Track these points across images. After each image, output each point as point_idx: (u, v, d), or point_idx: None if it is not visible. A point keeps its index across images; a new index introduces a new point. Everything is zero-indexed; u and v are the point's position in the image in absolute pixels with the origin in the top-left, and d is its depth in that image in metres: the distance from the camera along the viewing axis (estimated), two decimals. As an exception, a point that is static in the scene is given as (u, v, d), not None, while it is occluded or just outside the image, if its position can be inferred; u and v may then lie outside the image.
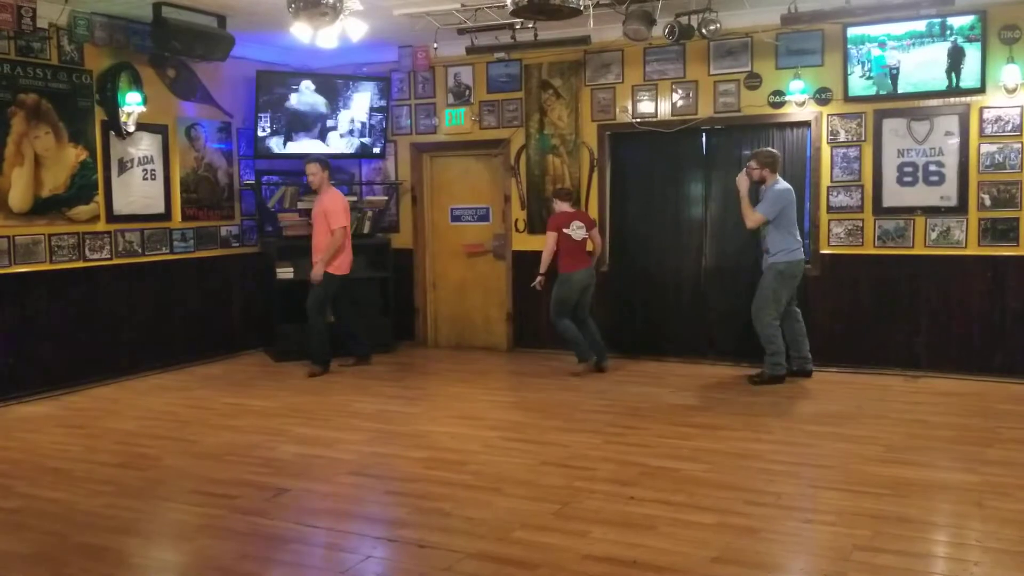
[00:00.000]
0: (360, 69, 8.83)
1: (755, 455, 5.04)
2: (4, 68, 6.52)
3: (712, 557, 3.64)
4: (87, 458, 5.25)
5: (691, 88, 7.70)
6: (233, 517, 4.24)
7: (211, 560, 3.79)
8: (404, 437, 5.63)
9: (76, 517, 4.27)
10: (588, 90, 8.09)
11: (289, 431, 5.78)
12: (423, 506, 4.34)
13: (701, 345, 7.85)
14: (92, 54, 7.14)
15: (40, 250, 6.80)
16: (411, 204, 9.04)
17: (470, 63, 8.43)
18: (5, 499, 4.55)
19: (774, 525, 4.00)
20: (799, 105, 7.30)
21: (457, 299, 9.04)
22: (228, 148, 8.47)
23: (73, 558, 3.79)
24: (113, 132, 7.32)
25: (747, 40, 7.44)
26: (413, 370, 8.11)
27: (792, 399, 6.44)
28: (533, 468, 4.91)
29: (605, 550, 3.73)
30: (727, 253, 7.75)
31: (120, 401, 6.68)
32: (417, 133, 8.91)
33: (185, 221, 8.00)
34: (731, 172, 7.66)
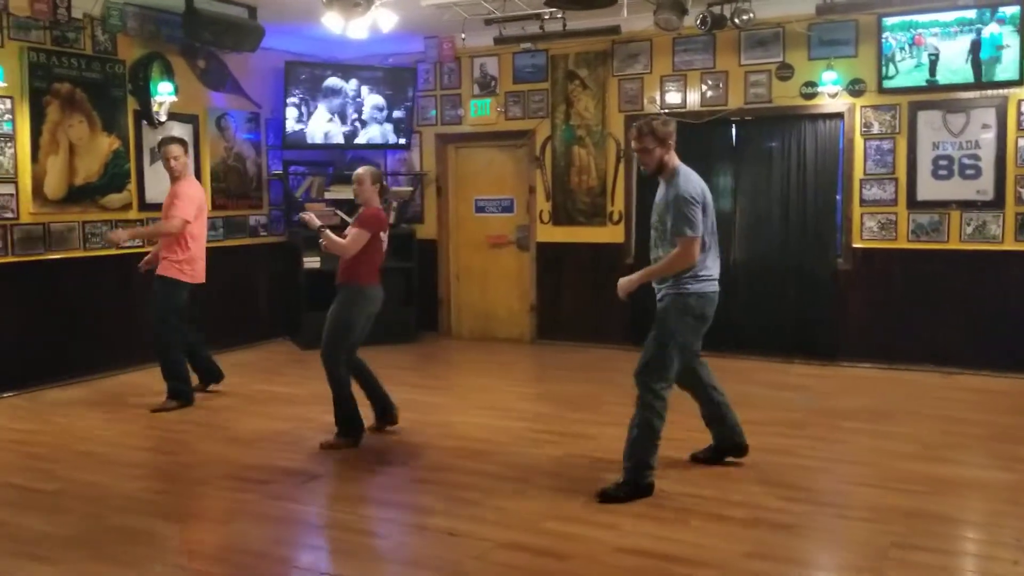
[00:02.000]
0: (386, 60, 8.83)
1: (787, 450, 5.00)
2: (40, 58, 6.57)
3: (745, 552, 3.62)
4: (121, 442, 5.31)
5: (721, 79, 7.64)
6: (266, 502, 4.27)
7: (245, 544, 3.82)
8: (431, 427, 5.64)
9: (112, 500, 4.32)
10: (615, 80, 8.05)
11: (317, 419, 5.81)
12: (452, 495, 4.34)
13: (726, 339, 7.75)
14: (125, 44, 7.19)
15: (74, 237, 6.87)
16: (436, 195, 9.05)
17: (496, 54, 8.41)
18: (44, 481, 4.62)
19: (808, 521, 3.97)
20: (832, 96, 7.22)
21: (481, 290, 9.03)
22: (256, 138, 8.51)
23: (110, 540, 3.83)
24: (145, 121, 7.37)
25: (779, 30, 7.37)
26: (437, 361, 8.12)
27: (824, 395, 6.39)
28: (561, 460, 4.91)
29: (636, 543, 3.73)
30: (756, 246, 7.69)
31: (151, 386, 6.73)
32: (442, 124, 8.90)
33: (214, 210, 8.03)
34: (761, 164, 7.63)
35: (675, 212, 4.22)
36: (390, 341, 8.35)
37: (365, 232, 5.15)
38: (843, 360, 7.31)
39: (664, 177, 4.37)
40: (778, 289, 7.57)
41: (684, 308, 4.30)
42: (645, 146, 4.31)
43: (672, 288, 4.31)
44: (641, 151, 4.35)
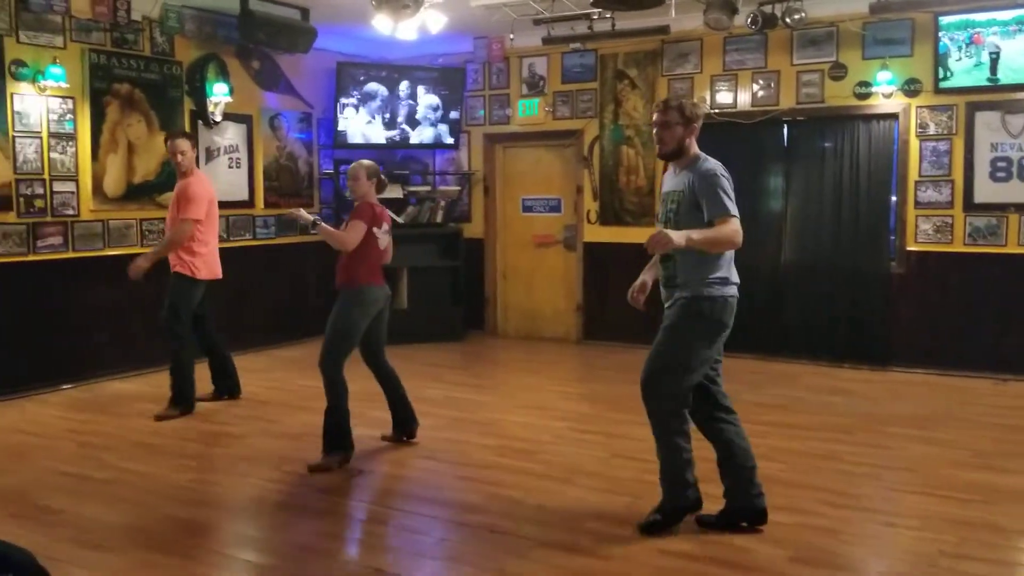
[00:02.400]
0: (435, 60, 8.91)
1: (834, 456, 4.94)
2: (100, 59, 6.76)
3: (789, 556, 3.59)
4: (174, 434, 5.45)
5: (772, 78, 7.56)
6: (312, 496, 4.35)
7: (291, 536, 3.89)
8: (475, 424, 5.69)
9: (164, 490, 4.44)
10: (665, 80, 8.01)
11: (364, 414, 5.87)
12: (495, 493, 4.38)
13: (776, 342, 7.71)
14: (182, 46, 7.36)
15: (132, 234, 7.06)
16: (483, 194, 9.10)
17: (545, 53, 8.43)
18: (99, 470, 4.76)
19: (854, 527, 3.92)
20: (886, 97, 7.10)
21: (527, 290, 9.06)
22: (308, 138, 8.65)
23: (162, 528, 3.94)
24: (201, 121, 7.54)
25: (832, 29, 7.26)
26: (483, 359, 8.17)
27: (873, 400, 6.29)
28: (604, 460, 4.91)
29: (678, 545, 3.71)
30: (806, 248, 7.60)
31: (204, 381, 6.88)
32: (490, 124, 8.95)
33: (267, 208, 8.20)
34: (813, 165, 7.54)
35: (709, 192, 3.66)
36: (436, 339, 8.46)
37: (360, 222, 4.88)
38: (894, 365, 7.18)
39: (681, 163, 3.85)
40: (829, 292, 7.46)
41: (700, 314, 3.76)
42: (668, 119, 3.79)
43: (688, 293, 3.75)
44: (662, 125, 3.80)
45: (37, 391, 6.42)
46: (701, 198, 3.70)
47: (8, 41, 6.21)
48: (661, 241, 3.46)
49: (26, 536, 3.62)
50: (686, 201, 3.75)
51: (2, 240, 6.27)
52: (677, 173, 3.89)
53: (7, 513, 4.08)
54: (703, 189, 3.70)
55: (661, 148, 3.87)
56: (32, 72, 6.35)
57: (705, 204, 3.69)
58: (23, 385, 6.39)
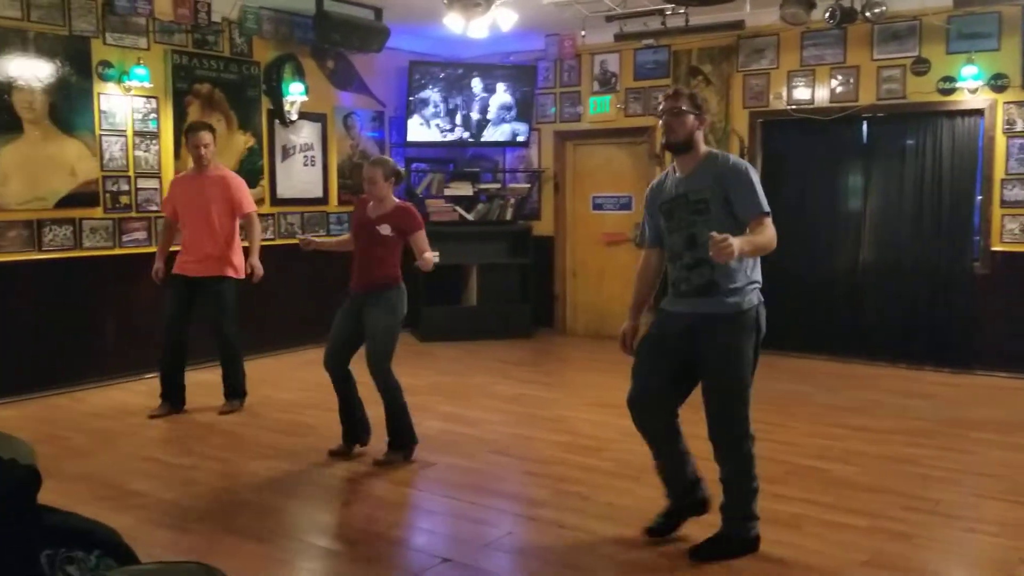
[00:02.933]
0: (507, 58, 8.95)
1: (912, 459, 4.82)
2: (183, 60, 6.98)
3: (863, 560, 3.52)
4: (251, 423, 5.60)
5: (852, 74, 7.39)
6: (384, 486, 4.43)
7: (364, 524, 3.97)
8: (543, 421, 5.71)
9: (242, 477, 4.58)
10: (740, 76, 7.90)
11: (434, 408, 5.96)
12: (562, 489, 4.39)
13: (854, 344, 7.53)
14: (260, 46, 7.55)
15: (210, 230, 7.26)
16: (553, 192, 9.10)
17: (617, 50, 8.40)
18: (181, 457, 4.94)
19: (931, 532, 3.82)
20: (971, 92, 6.88)
21: (596, 288, 9.04)
22: (380, 136, 8.78)
23: (239, 513, 4.06)
24: (277, 120, 7.73)
25: (915, 23, 7.07)
26: (551, 356, 8.18)
27: (954, 404, 6.11)
28: (674, 459, 4.87)
29: (749, 544, 3.67)
30: (887, 248, 7.41)
31: (278, 373, 7.07)
32: (561, 121, 8.95)
33: (340, 205, 8.35)
34: (894, 163, 7.36)
35: (745, 187, 3.39)
36: (505, 336, 8.50)
37: (422, 229, 4.79)
38: (977, 368, 6.96)
39: (691, 161, 3.50)
40: (910, 293, 7.27)
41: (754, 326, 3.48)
42: (679, 106, 3.46)
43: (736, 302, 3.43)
44: (671, 112, 3.46)
45: (124, 378, 6.67)
46: (733, 193, 3.39)
47: (95, 43, 6.46)
48: (727, 250, 3.04)
49: (111, 517, 3.74)
50: (717, 200, 3.41)
51: (90, 235, 6.52)
52: (685, 173, 3.52)
53: (94, 495, 4.25)
54: (737, 183, 3.40)
55: (671, 136, 3.48)
56: (117, 73, 6.60)
57: (740, 201, 3.39)
58: (110, 372, 6.64)
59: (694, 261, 3.45)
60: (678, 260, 3.53)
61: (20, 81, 6.04)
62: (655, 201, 3.63)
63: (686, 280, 3.50)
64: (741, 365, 3.45)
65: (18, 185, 6.07)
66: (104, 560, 1.53)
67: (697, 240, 3.41)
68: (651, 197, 3.67)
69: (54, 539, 1.46)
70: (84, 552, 1.50)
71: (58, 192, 6.29)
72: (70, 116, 6.33)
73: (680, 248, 3.51)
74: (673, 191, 3.53)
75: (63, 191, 6.31)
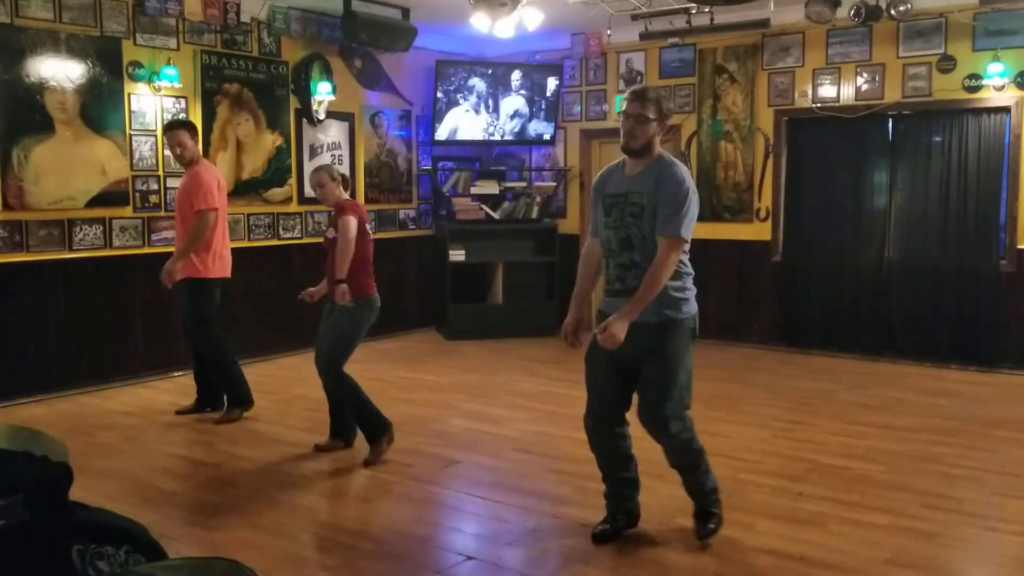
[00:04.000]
0: (533, 57, 8.97)
1: (935, 458, 4.79)
2: (212, 60, 7.08)
3: (885, 559, 3.52)
4: (279, 421, 5.67)
5: (877, 71, 7.34)
6: (409, 484, 4.48)
7: (389, 522, 4.03)
8: (568, 419, 5.70)
9: (268, 474, 4.64)
10: (765, 74, 7.87)
11: (459, 406, 6.01)
12: (587, 487, 4.40)
13: (879, 342, 7.49)
14: (288, 46, 7.63)
15: (240, 228, 7.36)
16: (579, 190, 9.11)
17: (642, 49, 8.39)
18: (209, 455, 5.02)
19: (954, 531, 3.81)
20: (997, 89, 6.81)
21: (623, 286, 9.03)
22: (408, 135, 8.84)
23: (265, 510, 4.12)
24: (305, 119, 7.80)
25: (941, 20, 7.01)
26: (577, 354, 8.09)
27: (980, 403, 6.06)
28: (697, 457, 4.87)
29: (771, 544, 3.68)
30: (913, 246, 7.37)
31: (306, 370, 7.09)
32: (587, 119, 8.96)
33: (367, 204, 8.41)
34: (919, 160, 7.30)
35: (674, 203, 3.35)
36: (531, 334, 8.53)
37: (350, 217, 4.62)
38: (1003, 367, 6.90)
39: (642, 162, 3.50)
40: (935, 291, 7.22)
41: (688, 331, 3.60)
42: (645, 113, 3.41)
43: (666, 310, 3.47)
44: (638, 118, 3.41)
45: (152, 377, 6.78)
46: (661, 202, 3.37)
47: (126, 44, 6.57)
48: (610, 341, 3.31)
49: (140, 514, 3.83)
50: (650, 206, 3.39)
51: (120, 234, 6.63)
52: (631, 173, 3.52)
53: (124, 492, 4.33)
54: (668, 195, 3.37)
55: (630, 143, 3.46)
56: (148, 73, 6.70)
57: (662, 212, 3.35)
58: (139, 371, 6.75)
59: (629, 262, 3.47)
60: (614, 257, 3.53)
61: (52, 82, 6.16)
62: (599, 192, 3.63)
63: (620, 280, 3.52)
64: (678, 371, 3.52)
65: (49, 184, 6.18)
66: (133, 556, 1.58)
67: (632, 242, 3.44)
68: (596, 187, 3.67)
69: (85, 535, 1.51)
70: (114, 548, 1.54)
71: (89, 191, 6.40)
72: (101, 116, 6.44)
73: (616, 246, 3.50)
74: (617, 188, 3.54)
75: (94, 190, 6.42)
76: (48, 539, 1.43)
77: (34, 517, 1.41)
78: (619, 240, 3.49)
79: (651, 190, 3.42)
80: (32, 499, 1.42)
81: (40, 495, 1.43)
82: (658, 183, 3.41)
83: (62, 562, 1.44)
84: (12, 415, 5.74)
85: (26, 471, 1.46)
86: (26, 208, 6.08)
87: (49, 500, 1.45)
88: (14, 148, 5.99)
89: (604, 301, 3.63)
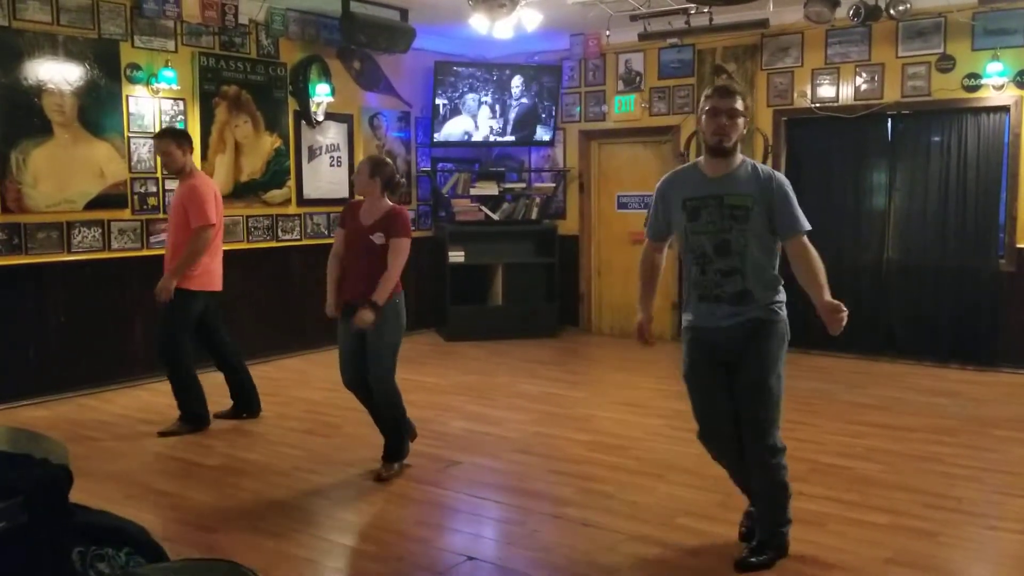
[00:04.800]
0: (532, 58, 8.98)
1: (935, 457, 4.80)
2: (210, 62, 7.07)
3: (885, 558, 3.52)
4: (279, 423, 5.67)
5: (876, 71, 7.34)
6: (409, 485, 4.48)
7: (389, 523, 4.03)
8: (568, 420, 5.73)
9: (268, 476, 4.64)
10: (764, 74, 7.87)
11: (459, 408, 6.01)
12: (587, 487, 4.41)
13: (879, 342, 7.49)
14: (286, 48, 7.63)
15: (239, 230, 7.37)
16: (578, 191, 9.12)
17: (641, 49, 8.39)
18: (207, 458, 5.00)
19: (954, 530, 3.81)
20: (997, 89, 6.82)
21: (622, 286, 9.04)
22: (407, 136, 8.84)
23: (266, 513, 4.12)
24: (304, 121, 7.81)
25: (940, 20, 7.01)
26: (577, 355, 8.20)
27: (979, 402, 6.06)
28: (697, 457, 4.83)
29: (771, 543, 3.67)
30: (911, 245, 7.38)
31: (306, 372, 7.14)
32: (586, 120, 8.96)
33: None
34: (919, 160, 7.31)
35: (789, 203, 3.32)
36: (531, 335, 8.54)
37: (407, 240, 4.46)
38: (1003, 366, 6.90)
39: (726, 165, 3.37)
40: (934, 290, 7.22)
41: (784, 335, 3.46)
42: (736, 107, 3.29)
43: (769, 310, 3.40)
44: (730, 113, 3.28)
45: (151, 379, 6.77)
46: (778, 208, 3.30)
47: (124, 46, 6.56)
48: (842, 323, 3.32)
49: (139, 516, 3.82)
50: (759, 210, 3.30)
51: (118, 236, 6.63)
52: (716, 173, 3.37)
53: (123, 495, 4.33)
54: (783, 199, 3.31)
55: (724, 140, 3.29)
56: (146, 75, 6.70)
57: (783, 217, 3.30)
58: (138, 373, 6.74)
59: (728, 268, 3.34)
60: (706, 264, 3.37)
61: (50, 84, 6.16)
62: (673, 195, 3.45)
63: (718, 286, 3.37)
64: (777, 373, 3.38)
65: (48, 187, 6.18)
66: (134, 558, 1.58)
67: (732, 247, 3.31)
68: (664, 190, 3.50)
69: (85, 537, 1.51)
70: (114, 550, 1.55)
71: (87, 194, 6.40)
72: (99, 118, 6.44)
73: (710, 252, 3.35)
74: (703, 190, 3.37)
75: (92, 193, 6.42)
76: (49, 541, 1.43)
77: (34, 519, 1.41)
78: (714, 245, 3.34)
79: (755, 193, 3.31)
80: (32, 501, 1.42)
81: (40, 497, 1.43)
82: (763, 188, 3.31)
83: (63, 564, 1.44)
84: (12, 417, 5.74)
85: (26, 473, 1.46)
86: (25, 211, 6.08)
87: (49, 502, 1.45)
88: (12, 151, 5.99)
89: (696, 307, 3.48)
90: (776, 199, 3.32)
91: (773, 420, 3.39)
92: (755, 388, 3.35)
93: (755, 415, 3.37)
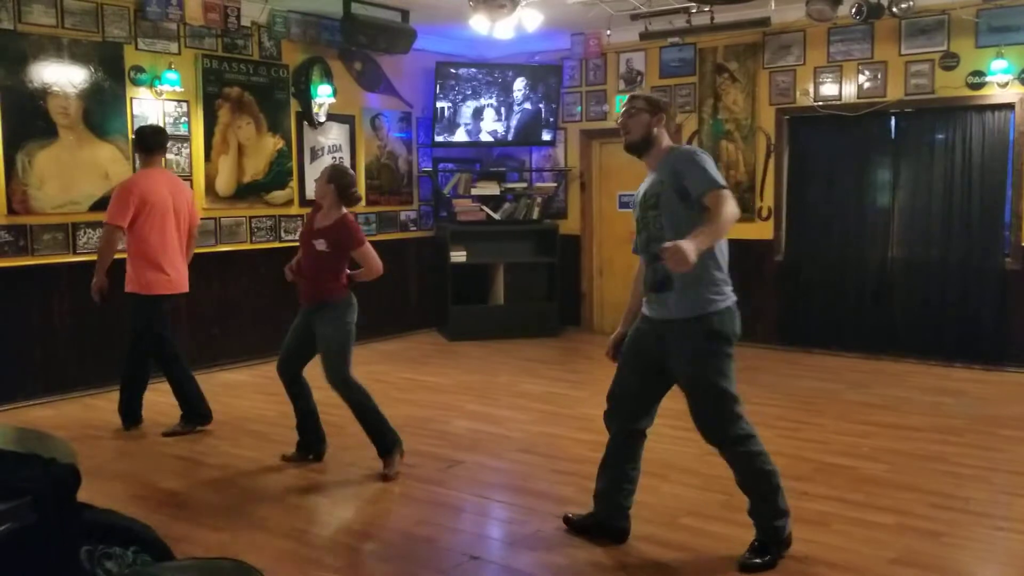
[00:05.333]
0: (532, 58, 8.98)
1: (941, 457, 4.79)
2: (213, 64, 7.08)
3: (890, 558, 3.51)
4: (281, 423, 5.65)
5: (879, 69, 7.33)
6: (411, 485, 4.48)
7: (392, 523, 4.03)
8: (570, 419, 5.72)
9: (270, 475, 4.65)
10: (766, 73, 7.87)
11: (461, 407, 6.01)
12: (590, 487, 4.36)
13: (883, 340, 7.48)
14: (288, 49, 7.64)
15: (242, 231, 7.38)
16: (579, 191, 9.12)
17: (642, 48, 8.39)
18: (213, 457, 5.02)
19: (960, 530, 3.80)
20: (1001, 86, 6.80)
21: (623, 286, 8.93)
22: (408, 137, 8.84)
23: (270, 512, 4.13)
24: (306, 122, 7.81)
25: (943, 17, 7.00)
26: (578, 355, 8.19)
27: (985, 401, 6.05)
28: (700, 457, 4.86)
29: (776, 542, 3.67)
30: (915, 243, 7.36)
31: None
32: (587, 120, 8.96)
33: (368, 206, 8.42)
34: (922, 158, 7.30)
35: (692, 167, 3.30)
36: (532, 335, 8.54)
37: (365, 246, 4.60)
38: (1009, 365, 6.88)
39: (653, 158, 3.50)
40: (939, 288, 7.21)
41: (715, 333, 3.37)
42: (634, 106, 3.48)
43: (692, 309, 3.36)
44: (627, 112, 3.50)
45: (157, 379, 6.75)
46: (686, 177, 3.29)
47: (128, 48, 6.58)
48: (678, 255, 2.96)
49: (145, 515, 3.84)
50: (667, 191, 3.34)
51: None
52: (650, 171, 3.53)
53: (129, 494, 4.34)
54: (687, 166, 3.31)
55: (626, 137, 3.51)
56: (149, 77, 6.71)
57: (690, 181, 3.28)
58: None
59: (650, 257, 3.44)
60: (644, 257, 3.55)
61: (55, 87, 6.17)
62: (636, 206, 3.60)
63: (650, 276, 3.49)
64: (711, 371, 3.37)
65: (53, 189, 6.20)
66: (141, 556, 1.58)
67: (651, 235, 3.42)
68: (634, 203, 3.63)
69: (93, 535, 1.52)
70: (121, 548, 1.55)
71: (92, 195, 6.41)
72: (103, 121, 6.45)
73: (643, 246, 3.51)
74: (638, 193, 3.55)
75: (97, 194, 6.42)
76: (57, 540, 1.43)
77: (43, 518, 1.42)
78: (642, 242, 3.51)
79: (666, 177, 3.37)
80: (41, 501, 1.42)
81: (49, 497, 1.44)
82: (671, 167, 3.38)
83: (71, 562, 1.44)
84: (19, 417, 5.75)
85: (35, 473, 1.46)
86: (30, 213, 6.10)
87: (58, 502, 1.46)
88: (18, 153, 6.01)
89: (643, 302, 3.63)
90: (681, 168, 3.34)
91: (720, 413, 3.42)
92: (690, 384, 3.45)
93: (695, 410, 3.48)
